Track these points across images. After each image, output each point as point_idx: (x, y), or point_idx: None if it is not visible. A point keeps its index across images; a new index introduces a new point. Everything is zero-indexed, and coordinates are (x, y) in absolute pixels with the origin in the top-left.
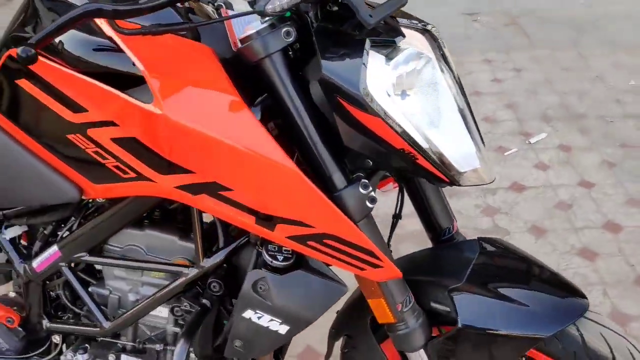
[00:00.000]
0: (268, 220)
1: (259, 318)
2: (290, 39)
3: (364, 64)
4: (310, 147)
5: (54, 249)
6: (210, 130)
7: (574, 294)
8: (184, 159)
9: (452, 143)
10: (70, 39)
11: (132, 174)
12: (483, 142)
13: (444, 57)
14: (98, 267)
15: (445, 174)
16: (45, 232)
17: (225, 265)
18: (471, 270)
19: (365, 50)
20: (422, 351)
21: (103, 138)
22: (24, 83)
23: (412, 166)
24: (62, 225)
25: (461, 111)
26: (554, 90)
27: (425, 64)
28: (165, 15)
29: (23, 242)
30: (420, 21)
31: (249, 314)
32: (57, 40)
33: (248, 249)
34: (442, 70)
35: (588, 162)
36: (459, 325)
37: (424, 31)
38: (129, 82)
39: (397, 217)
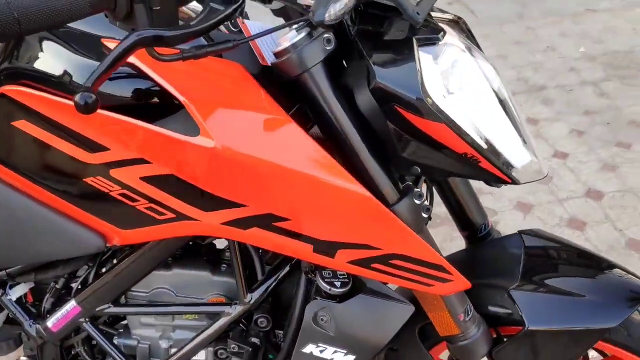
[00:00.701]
0: (328, 247)
1: (321, 352)
2: (331, 47)
3: (418, 67)
4: (359, 161)
5: (72, 304)
6: (270, 157)
7: (628, 277)
8: (235, 192)
9: (505, 140)
10: (76, 68)
11: (170, 215)
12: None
13: (478, 48)
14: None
15: (507, 174)
16: (57, 286)
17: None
18: (523, 267)
19: (415, 52)
20: (485, 359)
21: (130, 178)
22: (23, 125)
23: (474, 170)
24: (76, 277)
25: (505, 106)
26: (509, 64)
27: (468, 60)
28: None
29: (29, 301)
30: (444, 12)
31: (310, 348)
32: (58, 71)
33: (293, 277)
34: (482, 64)
35: (557, 133)
36: (527, 327)
37: (454, 23)
38: (152, 112)
39: (427, 219)
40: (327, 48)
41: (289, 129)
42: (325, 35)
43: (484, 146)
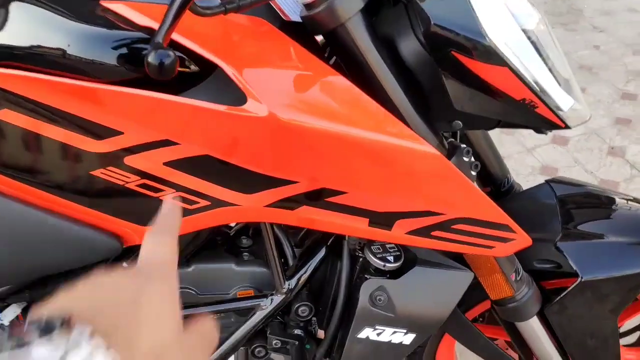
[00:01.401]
0: (385, 219)
1: (378, 334)
2: None
3: (472, 7)
4: (404, 118)
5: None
6: (328, 123)
7: None
8: (285, 167)
9: (552, 82)
10: (70, 37)
11: (204, 202)
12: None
13: None
14: None
15: (561, 118)
16: None
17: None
18: (561, 217)
19: None
20: (535, 318)
21: (152, 165)
22: (6, 115)
23: (528, 117)
24: None
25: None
26: None
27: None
28: None
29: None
30: None
31: (366, 332)
32: (47, 42)
33: (329, 259)
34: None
35: None
36: (581, 279)
37: None
38: (175, 83)
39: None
40: None
41: (343, 86)
42: None
43: (545, 89)
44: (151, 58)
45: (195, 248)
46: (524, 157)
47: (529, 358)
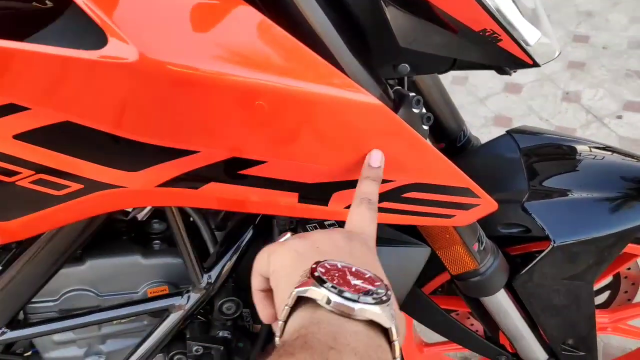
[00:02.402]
0: (319, 192)
1: None
2: None
3: None
4: (338, 63)
5: None
6: (235, 69)
7: (630, 162)
8: (177, 133)
9: (515, 11)
10: None
11: (76, 186)
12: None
13: None
14: None
15: (527, 53)
16: None
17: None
18: (527, 173)
19: None
20: (502, 290)
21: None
22: None
23: (489, 53)
24: None
25: None
26: None
27: None
28: None
29: None
30: None
31: None
32: None
33: (258, 241)
34: None
35: None
36: (554, 243)
37: None
38: (12, 26)
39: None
40: None
41: (250, 18)
42: None
43: (509, 19)
44: None
45: (87, 239)
46: (476, 107)
47: (495, 331)
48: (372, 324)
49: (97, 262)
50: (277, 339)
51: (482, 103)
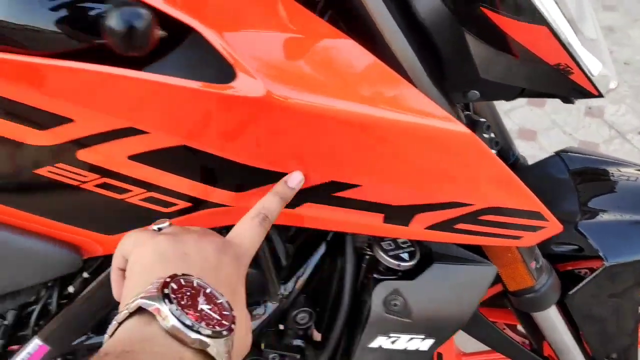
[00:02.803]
0: (403, 214)
1: (393, 342)
2: None
3: None
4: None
5: (35, 344)
6: (343, 103)
7: None
8: (284, 159)
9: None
10: None
11: (183, 204)
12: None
13: None
14: None
15: (594, 84)
16: (5, 323)
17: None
18: (578, 194)
19: None
20: (553, 306)
21: (113, 159)
22: None
23: (562, 83)
24: (32, 306)
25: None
26: None
27: None
28: None
29: None
30: None
31: (379, 341)
32: None
33: (329, 256)
34: None
35: None
36: (607, 263)
37: None
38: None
39: None
40: None
41: (354, 53)
42: None
43: (579, 53)
44: (113, 21)
45: None
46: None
47: (540, 343)
48: (206, 353)
49: None
50: (105, 336)
51: (506, 115)
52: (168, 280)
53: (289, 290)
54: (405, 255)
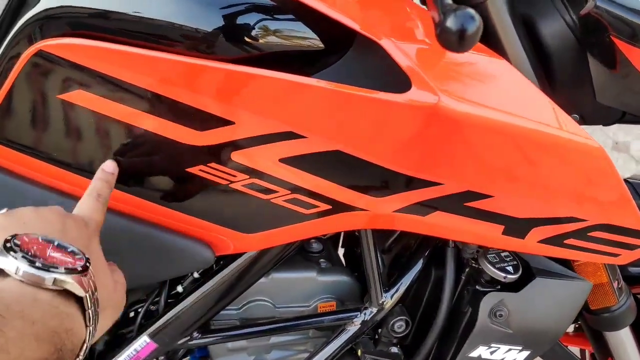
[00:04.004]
0: (522, 226)
1: (492, 352)
2: None
3: None
4: None
5: (144, 340)
6: (504, 115)
7: None
8: (436, 166)
9: None
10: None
11: (324, 206)
12: None
13: None
14: None
15: None
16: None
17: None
18: None
19: None
20: (628, 328)
21: (266, 161)
22: (78, 97)
23: None
24: (138, 306)
25: None
26: None
27: None
28: None
29: None
30: None
31: (479, 350)
32: (139, 7)
33: (434, 262)
34: None
35: None
36: None
37: None
38: (302, 62)
39: None
40: None
41: (507, 70)
42: None
43: None
44: (450, 23)
45: (284, 258)
46: None
47: None
48: (68, 293)
49: (278, 275)
50: None
51: None
52: (9, 238)
53: (388, 298)
54: (510, 268)
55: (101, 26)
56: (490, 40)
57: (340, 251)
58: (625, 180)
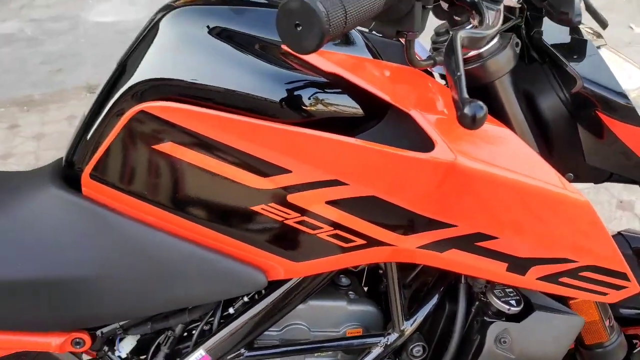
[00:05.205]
0: (523, 265)
1: None
2: (518, 50)
3: (611, 68)
4: None
5: (199, 354)
6: (507, 172)
7: None
8: (450, 211)
9: None
10: (245, 75)
11: (359, 241)
12: None
13: None
14: None
15: None
16: (175, 335)
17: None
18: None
19: (597, 51)
20: None
21: (314, 203)
22: (169, 148)
23: None
24: (198, 322)
25: None
26: None
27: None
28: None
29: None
30: None
31: None
32: (220, 82)
33: (448, 296)
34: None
35: None
36: None
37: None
38: (345, 126)
39: None
40: (517, 51)
41: (510, 137)
42: (515, 39)
43: None
44: (467, 110)
45: (322, 286)
46: None
47: None
48: None
49: (316, 304)
50: None
51: None
52: None
53: (408, 326)
54: (513, 302)
55: (191, 94)
56: (499, 112)
57: None
58: (619, 233)
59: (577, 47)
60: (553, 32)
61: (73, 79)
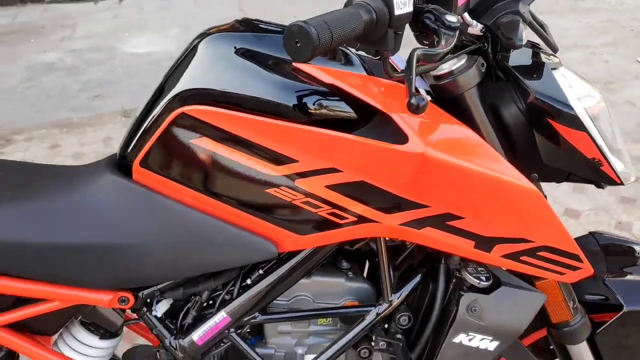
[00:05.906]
0: (488, 243)
1: (470, 340)
2: (484, 69)
3: (560, 84)
4: None
5: (222, 315)
6: (464, 162)
7: None
8: (423, 194)
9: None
10: (264, 86)
11: (351, 218)
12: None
13: None
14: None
15: (618, 176)
16: (202, 299)
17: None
18: (607, 261)
19: (550, 70)
20: (585, 343)
21: (316, 187)
22: (204, 142)
23: (593, 172)
24: (221, 290)
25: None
26: None
27: (578, 79)
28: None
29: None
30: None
31: (460, 337)
32: (245, 90)
33: (430, 275)
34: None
35: None
36: (625, 309)
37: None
38: (341, 124)
39: None
40: (482, 70)
41: (471, 135)
42: (480, 60)
43: (609, 153)
44: (413, 100)
45: (323, 261)
46: None
47: None
48: None
49: (319, 279)
50: None
51: None
52: None
53: (397, 298)
54: (483, 278)
55: (222, 100)
56: (469, 121)
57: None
58: (590, 233)
59: (535, 68)
60: (520, 57)
61: (109, 105)
